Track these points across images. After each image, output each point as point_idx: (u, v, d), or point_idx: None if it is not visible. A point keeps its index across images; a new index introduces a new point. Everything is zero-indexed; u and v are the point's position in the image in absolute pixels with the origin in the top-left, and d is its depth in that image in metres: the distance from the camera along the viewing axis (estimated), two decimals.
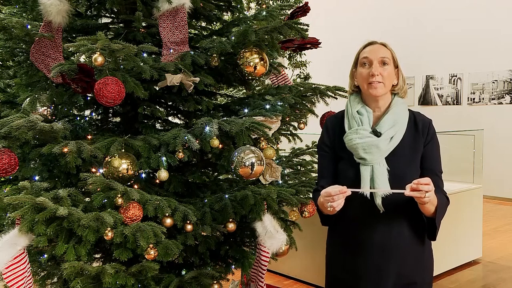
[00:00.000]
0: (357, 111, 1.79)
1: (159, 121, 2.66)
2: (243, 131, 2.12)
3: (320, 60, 9.18)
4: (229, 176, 2.74)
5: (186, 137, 2.09)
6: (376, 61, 1.76)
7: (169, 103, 2.67)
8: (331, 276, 1.91)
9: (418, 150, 1.77)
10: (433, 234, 1.78)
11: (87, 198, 2.10)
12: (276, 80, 2.88)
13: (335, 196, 1.59)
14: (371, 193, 1.69)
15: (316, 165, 2.80)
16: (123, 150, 2.09)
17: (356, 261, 1.78)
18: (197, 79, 2.28)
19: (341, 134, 1.81)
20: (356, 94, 1.85)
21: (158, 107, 2.51)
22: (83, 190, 2.15)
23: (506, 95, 8.06)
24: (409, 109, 1.84)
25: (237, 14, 2.92)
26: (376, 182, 1.69)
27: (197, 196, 2.45)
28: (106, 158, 2.06)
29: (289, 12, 2.56)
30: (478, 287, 4.13)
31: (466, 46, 8.47)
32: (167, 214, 2.08)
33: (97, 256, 2.47)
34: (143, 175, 2.32)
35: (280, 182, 2.55)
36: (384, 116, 1.77)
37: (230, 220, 2.28)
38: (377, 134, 1.73)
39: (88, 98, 2.44)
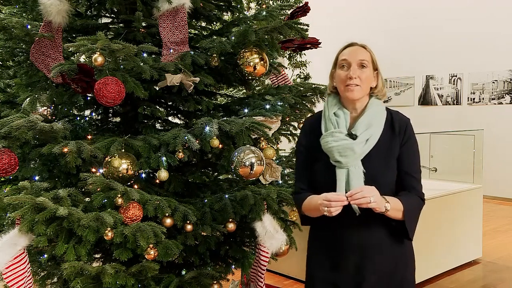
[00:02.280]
0: (334, 113, 1.78)
1: (159, 121, 2.66)
2: (243, 131, 2.12)
3: (320, 60, 9.19)
4: (229, 176, 2.74)
5: (186, 137, 2.09)
6: (354, 64, 1.73)
7: (169, 103, 2.67)
8: (310, 275, 1.90)
9: (394, 151, 1.76)
10: (407, 235, 1.77)
11: (87, 198, 2.11)
12: (276, 80, 2.88)
13: (333, 203, 1.59)
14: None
15: None
16: (123, 150, 2.09)
17: (336, 261, 1.78)
18: (197, 79, 2.28)
19: (318, 135, 1.80)
20: (334, 95, 1.84)
21: (158, 107, 2.51)
22: (83, 190, 2.15)
23: (506, 95, 8.05)
24: (387, 108, 1.82)
25: (237, 14, 2.92)
26: (351, 185, 1.68)
27: (197, 196, 2.45)
28: (106, 158, 2.06)
29: (289, 12, 2.56)
30: (478, 287, 4.13)
31: (466, 46, 8.46)
32: (167, 214, 2.08)
33: (97, 256, 2.47)
34: (143, 175, 2.32)
35: (280, 182, 2.55)
36: (360, 118, 1.76)
37: (230, 220, 2.28)
38: (352, 136, 1.72)
39: (88, 98, 2.45)
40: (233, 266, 2.56)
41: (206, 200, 2.32)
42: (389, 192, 1.71)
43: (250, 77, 2.48)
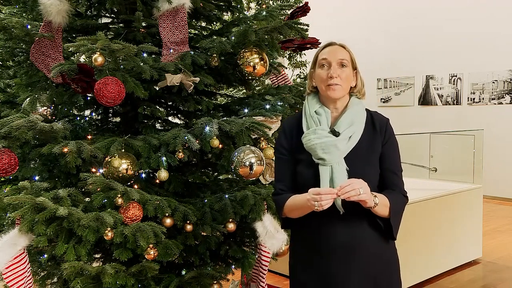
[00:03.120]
0: (315, 111, 1.78)
1: (159, 121, 2.66)
2: (243, 131, 2.12)
3: None
4: (229, 176, 2.74)
5: (186, 137, 2.09)
6: (334, 63, 1.74)
7: (169, 103, 2.67)
8: (296, 280, 1.87)
9: (377, 150, 1.77)
10: (391, 234, 1.76)
11: (87, 198, 2.11)
12: (276, 80, 2.88)
13: (324, 196, 1.57)
14: None
15: None
16: (123, 150, 2.09)
17: (321, 263, 1.75)
18: (197, 79, 2.28)
19: (299, 135, 1.79)
20: (314, 94, 1.84)
21: (158, 107, 2.51)
22: (83, 190, 2.15)
23: (506, 95, 8.06)
24: (366, 109, 1.83)
25: (237, 14, 2.92)
26: (336, 182, 1.67)
27: (197, 196, 2.45)
28: (106, 158, 2.06)
29: (289, 12, 2.56)
30: (478, 287, 4.13)
31: (466, 46, 8.46)
32: (167, 214, 2.08)
33: (97, 256, 2.47)
34: (143, 175, 2.32)
35: None
36: (342, 116, 1.76)
37: (230, 220, 2.28)
38: (335, 133, 1.72)
39: (88, 98, 2.45)
40: (233, 266, 2.56)
41: (206, 200, 2.32)
42: (373, 189, 1.69)
43: (250, 77, 2.48)
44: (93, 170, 2.15)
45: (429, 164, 5.66)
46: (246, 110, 2.45)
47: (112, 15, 2.67)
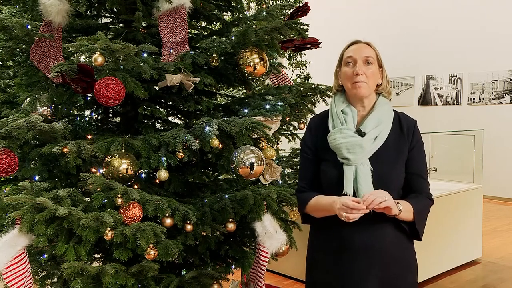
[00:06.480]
0: (341, 110, 1.77)
1: (159, 121, 2.66)
2: (243, 131, 2.12)
3: (320, 60, 9.19)
4: (229, 176, 2.74)
5: (186, 137, 2.09)
6: (360, 60, 1.73)
7: (169, 103, 2.67)
8: (312, 278, 1.88)
9: (403, 152, 1.76)
10: (417, 235, 1.77)
11: (87, 198, 2.11)
12: (276, 80, 2.88)
13: (354, 210, 1.57)
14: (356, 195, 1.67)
15: None
16: (123, 150, 2.09)
17: (340, 263, 1.75)
18: (197, 79, 2.28)
19: (325, 134, 1.79)
20: (340, 93, 1.83)
21: (158, 107, 2.51)
22: (83, 190, 2.15)
23: (506, 95, 8.05)
24: (394, 110, 1.82)
25: (237, 14, 2.92)
26: (360, 182, 1.67)
27: (197, 196, 2.45)
28: (106, 158, 2.06)
29: (289, 12, 2.56)
30: (478, 287, 4.13)
31: (466, 46, 8.46)
32: (167, 214, 2.08)
33: (97, 256, 2.47)
34: (143, 175, 2.32)
35: (280, 182, 2.55)
36: (369, 116, 1.75)
37: (230, 220, 2.28)
38: (361, 133, 1.71)
39: (88, 98, 2.45)
40: (233, 266, 2.56)
41: (206, 200, 2.32)
42: (396, 192, 1.71)
43: (250, 77, 2.48)
44: (93, 170, 2.15)
45: (429, 164, 5.65)
46: (246, 110, 2.44)
47: (112, 15, 2.67)
